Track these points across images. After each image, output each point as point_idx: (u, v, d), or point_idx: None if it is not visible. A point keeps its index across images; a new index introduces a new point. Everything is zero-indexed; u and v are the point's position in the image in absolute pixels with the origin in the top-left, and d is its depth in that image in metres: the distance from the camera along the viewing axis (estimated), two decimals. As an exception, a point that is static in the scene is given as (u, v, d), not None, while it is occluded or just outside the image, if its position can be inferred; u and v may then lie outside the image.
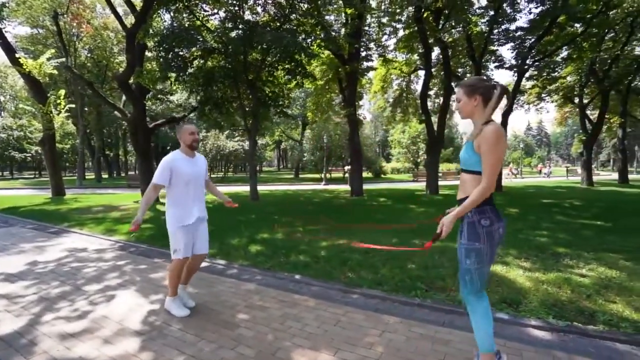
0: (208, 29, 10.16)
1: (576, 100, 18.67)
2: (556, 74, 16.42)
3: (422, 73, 20.61)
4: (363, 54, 12.53)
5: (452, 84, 14.31)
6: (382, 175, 32.23)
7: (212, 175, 23.85)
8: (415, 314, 2.86)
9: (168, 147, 28.20)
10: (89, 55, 23.34)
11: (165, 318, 2.75)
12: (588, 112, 19.15)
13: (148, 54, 13.27)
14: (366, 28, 12.69)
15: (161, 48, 8.78)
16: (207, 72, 10.50)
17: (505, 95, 1.93)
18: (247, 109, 11.49)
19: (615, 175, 25.87)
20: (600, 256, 4.43)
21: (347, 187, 19.78)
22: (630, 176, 21.45)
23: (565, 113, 24.44)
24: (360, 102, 24.68)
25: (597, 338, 2.44)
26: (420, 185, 22.07)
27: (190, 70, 10.03)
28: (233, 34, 9.71)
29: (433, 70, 19.58)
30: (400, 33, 14.89)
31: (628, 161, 23.32)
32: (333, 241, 5.38)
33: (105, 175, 31.61)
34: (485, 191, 1.75)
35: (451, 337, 2.46)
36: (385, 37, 14.67)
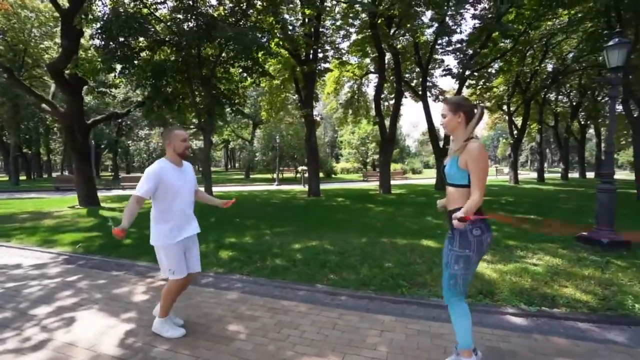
0: (157, 18, 9.39)
1: (505, 108, 21.02)
2: (489, 83, 18.31)
3: (372, 77, 21.56)
4: (320, 55, 12.62)
5: (403, 88, 15.14)
6: (333, 175, 32.88)
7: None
8: (406, 311, 2.96)
9: (102, 145, 25.36)
10: (0, 37, 20.00)
11: (146, 339, 2.47)
12: (514, 118, 21.65)
13: (87, 41, 11.82)
14: (323, 30, 12.80)
15: (104, 35, 7.85)
16: (156, 66, 9.70)
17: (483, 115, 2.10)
18: (200, 107, 10.86)
19: (533, 174, 29.57)
20: (542, 247, 5.04)
21: (301, 188, 19.86)
22: (545, 175, 24.83)
23: (495, 119, 27.34)
24: (314, 103, 25.02)
25: (562, 319, 2.78)
26: (371, 184, 23.03)
27: (136, 62, 9.15)
28: (187, 25, 9.10)
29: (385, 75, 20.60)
30: (354, 37, 15.39)
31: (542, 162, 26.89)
32: (305, 243, 5.34)
33: (23, 177, 27.40)
34: (477, 202, 1.86)
35: (444, 330, 2.59)
36: (339, 39, 15.02)
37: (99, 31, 7.94)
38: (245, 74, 11.54)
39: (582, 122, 24.96)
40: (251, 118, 14.98)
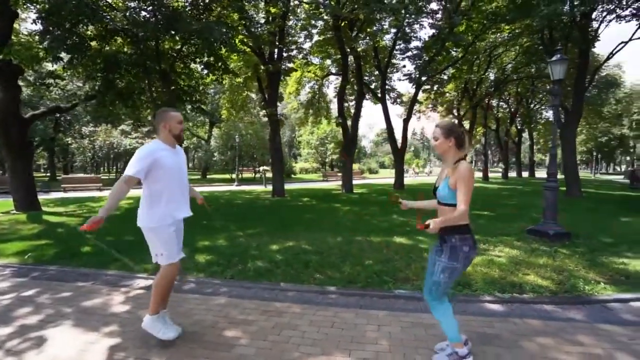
0: (110, 5, 8.64)
1: (455, 112, 22.67)
2: (442, 89, 19.63)
3: (332, 78, 21.91)
4: (285, 55, 12.53)
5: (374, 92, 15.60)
6: (293, 175, 32.83)
7: (101, 177, 20.18)
8: (396, 305, 3.10)
9: (35, 143, 22.37)
10: None
11: (138, 352, 2.30)
12: (463, 122, 23.42)
13: (26, 26, 10.47)
14: (288, 30, 12.73)
15: (52, 20, 7.00)
16: (109, 57, 8.93)
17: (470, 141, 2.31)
18: (158, 103, 10.20)
19: (478, 174, 32.18)
20: (501, 239, 5.55)
21: (263, 188, 19.55)
22: (489, 175, 27.26)
23: (444, 122, 29.28)
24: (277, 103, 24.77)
25: (531, 303, 3.11)
26: (332, 184, 23.41)
27: (88, 52, 8.32)
28: (144, 16, 8.50)
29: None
30: (317, 38, 15.54)
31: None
32: (282, 244, 5.30)
33: None
34: (463, 213, 2.00)
35: (434, 320, 2.75)
36: (303, 40, 15.07)
37: (44, 15, 7.07)
38: (206, 71, 11.08)
39: (518, 127, 27.78)
40: (210, 116, 14.28)
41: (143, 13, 8.72)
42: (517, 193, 14.88)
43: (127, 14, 8.17)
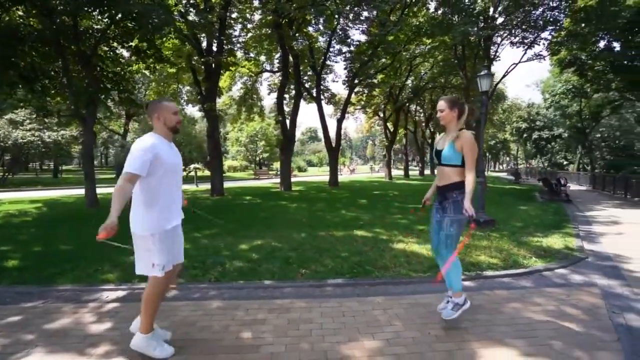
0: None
1: (380, 114, 24.55)
2: (373, 92, 21.07)
3: (266, 75, 21.60)
4: (226, 47, 11.93)
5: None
6: (222, 174, 31.32)
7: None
8: (389, 290, 3.37)
9: None
10: None
11: (153, 367, 2.07)
12: (388, 124, 25.52)
13: None
14: (231, 22, 12.14)
15: None
16: (7, 29, 7.32)
17: (471, 112, 2.72)
18: (74, 89, 8.72)
19: (398, 172, 35.36)
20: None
21: (194, 187, 18.28)
22: (410, 172, 30.31)
23: (371, 123, 31.48)
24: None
25: (492, 278, 3.72)
26: (265, 182, 23.13)
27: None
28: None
29: (279, 75, 20.92)
30: (251, 34, 15.17)
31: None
32: (250, 243, 5.18)
33: None
34: (474, 179, 2.44)
35: (427, 300, 3.12)
36: (243, 34, 14.55)
37: None
38: (135, 57, 9.91)
39: (432, 130, 31.47)
40: (142, 107, 12.49)
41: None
42: (436, 188, 16.92)
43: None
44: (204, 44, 11.41)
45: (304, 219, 7.72)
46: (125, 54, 10.42)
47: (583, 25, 13.24)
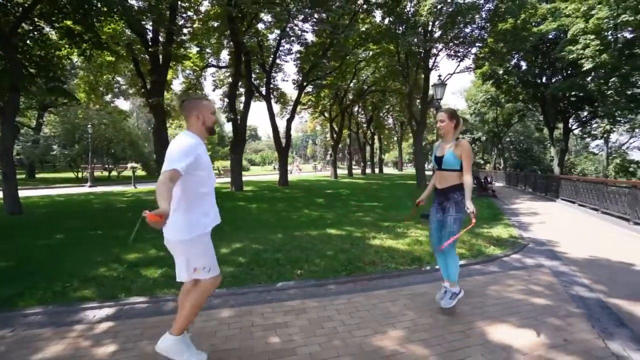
0: None
1: (326, 114, 25.16)
2: (322, 93, 21.49)
3: (211, 70, 20.57)
4: (175, 38, 11.08)
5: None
6: (157, 174, 28.93)
7: None
8: (386, 284, 3.61)
9: None
10: None
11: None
12: (334, 124, 26.27)
13: None
14: (182, 11, 11.29)
15: None
16: None
17: (463, 124, 3.11)
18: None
19: (341, 170, 36.56)
20: (407, 225, 6.87)
21: (132, 188, 16.60)
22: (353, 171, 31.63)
23: (315, 123, 32.00)
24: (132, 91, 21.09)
25: (468, 265, 4.21)
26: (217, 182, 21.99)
27: None
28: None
29: (225, 71, 20.09)
30: (200, 26, 14.34)
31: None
32: (228, 246, 5.01)
33: None
34: (471, 180, 2.80)
35: (423, 290, 3.43)
36: (186, 23, 13.62)
37: None
38: (67, 41, 8.68)
39: (372, 131, 33.30)
40: (76, 99, 10.49)
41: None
42: (383, 187, 18.02)
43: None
44: (150, 34, 10.46)
45: (272, 219, 7.65)
46: (54, 35, 9.03)
47: (501, 45, 15.38)
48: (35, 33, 8.04)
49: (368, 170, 34.49)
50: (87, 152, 17.62)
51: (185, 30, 11.81)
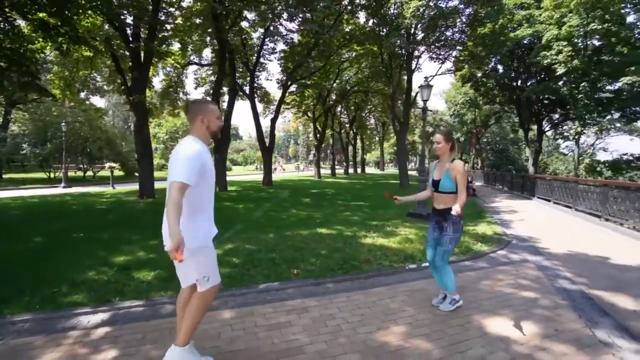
0: None
1: (310, 114, 25.16)
2: (306, 93, 21.46)
3: (193, 68, 20.11)
4: (160, 35, 10.75)
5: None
6: (137, 174, 27.98)
7: None
8: (383, 281, 3.67)
9: None
10: None
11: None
12: (317, 124, 26.30)
13: None
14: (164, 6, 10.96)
15: None
16: None
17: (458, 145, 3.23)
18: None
19: (324, 170, 36.67)
20: (395, 223, 7.00)
21: (110, 189, 15.98)
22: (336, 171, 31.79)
23: (298, 122, 31.94)
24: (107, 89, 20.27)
25: (458, 262, 4.35)
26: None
27: None
28: None
29: (207, 69, 19.72)
30: (182, 23, 13.99)
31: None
32: (221, 247, 4.92)
33: None
34: (465, 197, 2.86)
35: (420, 286, 3.52)
36: (167, 19, 13.25)
37: None
38: (40, 34, 8.27)
39: (355, 131, 33.59)
40: (52, 96, 9.78)
41: None
42: (367, 186, 18.23)
43: None
44: (130, 29, 10.11)
45: (262, 219, 7.59)
46: (25, 28, 8.56)
47: (480, 48, 15.92)
48: (6, 25, 7.60)
49: (351, 170, 34.78)
50: (60, 151, 16.79)
51: (167, 27, 11.44)
